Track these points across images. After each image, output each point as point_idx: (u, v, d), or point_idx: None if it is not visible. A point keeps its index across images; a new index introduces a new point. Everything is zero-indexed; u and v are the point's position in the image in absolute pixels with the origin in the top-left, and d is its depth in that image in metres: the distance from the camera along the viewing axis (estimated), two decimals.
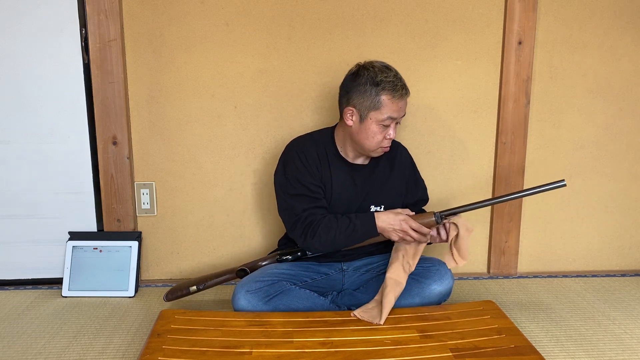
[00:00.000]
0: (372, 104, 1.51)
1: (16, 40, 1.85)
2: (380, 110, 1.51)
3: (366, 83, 1.51)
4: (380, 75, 1.50)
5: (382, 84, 1.50)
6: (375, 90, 1.50)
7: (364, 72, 1.52)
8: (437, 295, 1.60)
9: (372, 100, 1.50)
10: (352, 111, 1.55)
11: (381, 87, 1.50)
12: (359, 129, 1.55)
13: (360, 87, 1.52)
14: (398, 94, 1.51)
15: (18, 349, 1.51)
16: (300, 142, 1.65)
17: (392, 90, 1.50)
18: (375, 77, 1.50)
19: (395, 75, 1.52)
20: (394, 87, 1.50)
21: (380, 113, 1.51)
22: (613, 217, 2.14)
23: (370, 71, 1.51)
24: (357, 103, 1.53)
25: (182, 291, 1.69)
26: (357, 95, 1.52)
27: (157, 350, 1.30)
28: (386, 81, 1.50)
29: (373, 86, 1.50)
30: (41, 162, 1.93)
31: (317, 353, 1.30)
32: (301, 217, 1.55)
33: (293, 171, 1.58)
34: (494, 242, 2.09)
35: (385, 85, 1.50)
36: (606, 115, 2.05)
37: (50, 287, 1.97)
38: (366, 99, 1.51)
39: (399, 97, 1.52)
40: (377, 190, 1.66)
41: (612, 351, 1.50)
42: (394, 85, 1.50)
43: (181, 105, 1.94)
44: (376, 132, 1.54)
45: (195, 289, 1.68)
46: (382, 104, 1.50)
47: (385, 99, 1.50)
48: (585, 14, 1.97)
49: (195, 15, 1.88)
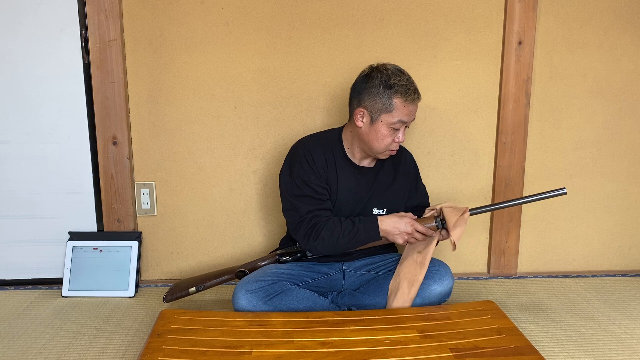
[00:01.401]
0: (384, 107, 1.51)
1: (16, 40, 1.85)
2: (392, 113, 1.51)
3: (379, 85, 1.51)
4: (393, 78, 1.50)
5: (395, 87, 1.50)
6: (387, 93, 1.50)
7: (377, 75, 1.52)
8: (437, 295, 1.60)
9: (385, 102, 1.51)
10: (363, 112, 1.55)
11: (394, 90, 1.50)
12: (368, 130, 1.55)
13: (372, 89, 1.52)
14: (410, 98, 1.52)
15: (18, 349, 1.51)
16: (308, 142, 1.64)
17: (404, 93, 1.50)
18: (388, 79, 1.50)
19: (408, 79, 1.53)
20: (407, 91, 1.51)
21: (391, 116, 1.52)
22: (613, 217, 2.14)
23: (384, 74, 1.52)
24: (368, 105, 1.53)
25: (181, 292, 1.69)
26: (369, 97, 1.52)
27: (157, 350, 1.30)
28: (399, 84, 1.50)
29: (386, 89, 1.50)
30: (41, 162, 1.93)
31: (317, 353, 1.30)
32: (305, 219, 1.55)
33: (299, 172, 1.58)
34: (494, 242, 2.09)
35: (398, 89, 1.50)
36: (606, 115, 2.05)
37: (50, 287, 1.97)
38: (378, 101, 1.51)
39: (410, 101, 1.52)
40: (381, 194, 1.66)
41: (612, 351, 1.50)
42: (406, 89, 1.51)
43: (181, 105, 1.94)
44: (386, 135, 1.54)
45: (194, 290, 1.68)
46: (394, 107, 1.51)
47: (397, 102, 1.50)
48: (585, 14, 1.97)
49: (195, 15, 1.88)
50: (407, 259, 1.60)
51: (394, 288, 1.58)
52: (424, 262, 1.57)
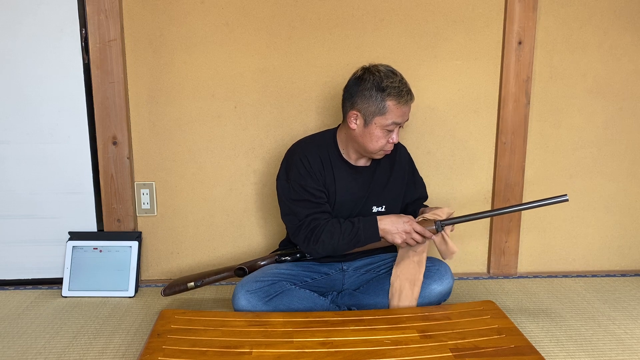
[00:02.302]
0: (377, 109, 1.50)
1: (16, 40, 1.85)
2: (385, 115, 1.50)
3: (371, 88, 1.50)
4: (385, 81, 1.49)
5: (387, 89, 1.49)
6: (380, 95, 1.49)
7: (369, 77, 1.51)
8: (437, 295, 1.60)
9: (377, 105, 1.50)
10: (356, 115, 1.54)
11: (387, 92, 1.49)
12: (362, 132, 1.54)
13: (365, 91, 1.51)
14: (403, 100, 1.50)
15: (18, 349, 1.51)
16: (303, 146, 1.63)
17: (397, 96, 1.49)
18: (380, 82, 1.49)
19: (401, 80, 1.51)
20: (400, 93, 1.49)
21: (385, 118, 1.51)
22: (613, 217, 2.14)
23: (376, 76, 1.50)
24: (361, 107, 1.52)
25: (179, 286, 1.69)
26: (362, 99, 1.51)
27: (157, 350, 1.30)
28: (392, 87, 1.49)
29: (378, 92, 1.49)
30: (41, 162, 1.93)
31: (317, 353, 1.30)
32: (304, 223, 1.55)
33: (296, 177, 1.57)
34: (494, 242, 2.09)
35: (391, 91, 1.49)
36: (606, 115, 2.05)
37: (50, 287, 1.97)
38: (371, 104, 1.50)
39: (404, 103, 1.51)
40: (379, 191, 1.66)
41: (612, 351, 1.50)
42: (399, 90, 1.49)
43: (181, 105, 1.94)
44: (380, 137, 1.53)
45: (193, 285, 1.68)
46: (388, 109, 1.50)
47: (390, 104, 1.50)
48: (585, 14, 1.97)
49: (195, 15, 1.88)
50: (404, 259, 1.60)
51: (395, 290, 1.58)
52: (421, 261, 1.58)
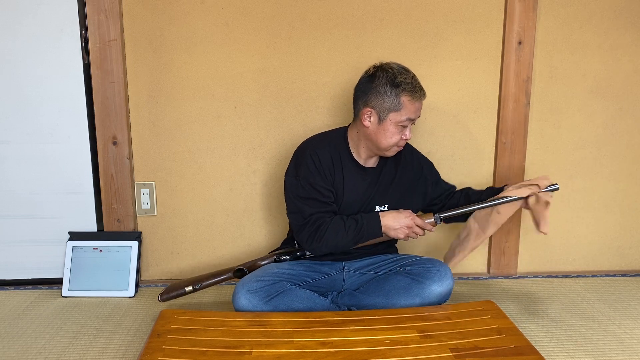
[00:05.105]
0: (391, 105, 1.51)
1: (16, 40, 1.85)
2: (400, 111, 1.52)
3: (385, 84, 1.51)
4: (399, 77, 1.51)
5: (402, 85, 1.50)
6: (395, 91, 1.51)
7: (382, 74, 1.53)
8: (437, 296, 1.60)
9: (392, 101, 1.51)
10: (370, 112, 1.55)
11: (401, 88, 1.51)
12: (377, 129, 1.55)
13: (379, 88, 1.52)
14: (417, 95, 1.53)
15: (18, 349, 1.51)
16: (315, 143, 1.63)
17: (411, 91, 1.51)
18: (394, 78, 1.51)
19: (414, 77, 1.54)
20: (414, 89, 1.52)
21: (399, 114, 1.52)
22: (613, 217, 2.14)
23: (389, 72, 1.52)
24: (375, 104, 1.53)
25: (177, 291, 1.68)
26: (376, 96, 1.53)
27: (157, 350, 1.30)
28: (406, 82, 1.51)
29: (393, 87, 1.51)
30: (41, 162, 1.93)
31: (317, 353, 1.30)
32: (309, 221, 1.55)
33: (305, 173, 1.57)
34: (494, 242, 2.09)
35: (405, 87, 1.51)
36: (606, 115, 2.05)
37: (50, 287, 1.97)
38: (386, 100, 1.52)
39: (417, 99, 1.53)
40: (384, 192, 1.66)
41: (612, 351, 1.50)
42: (413, 86, 1.52)
43: (181, 105, 1.94)
44: (394, 133, 1.54)
45: (190, 289, 1.67)
46: (402, 105, 1.51)
47: (405, 100, 1.51)
48: (585, 14, 1.97)
49: (196, 15, 1.88)
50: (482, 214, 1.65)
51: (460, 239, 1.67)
52: (498, 222, 1.63)
